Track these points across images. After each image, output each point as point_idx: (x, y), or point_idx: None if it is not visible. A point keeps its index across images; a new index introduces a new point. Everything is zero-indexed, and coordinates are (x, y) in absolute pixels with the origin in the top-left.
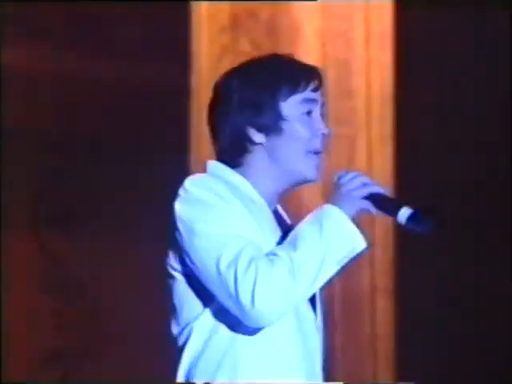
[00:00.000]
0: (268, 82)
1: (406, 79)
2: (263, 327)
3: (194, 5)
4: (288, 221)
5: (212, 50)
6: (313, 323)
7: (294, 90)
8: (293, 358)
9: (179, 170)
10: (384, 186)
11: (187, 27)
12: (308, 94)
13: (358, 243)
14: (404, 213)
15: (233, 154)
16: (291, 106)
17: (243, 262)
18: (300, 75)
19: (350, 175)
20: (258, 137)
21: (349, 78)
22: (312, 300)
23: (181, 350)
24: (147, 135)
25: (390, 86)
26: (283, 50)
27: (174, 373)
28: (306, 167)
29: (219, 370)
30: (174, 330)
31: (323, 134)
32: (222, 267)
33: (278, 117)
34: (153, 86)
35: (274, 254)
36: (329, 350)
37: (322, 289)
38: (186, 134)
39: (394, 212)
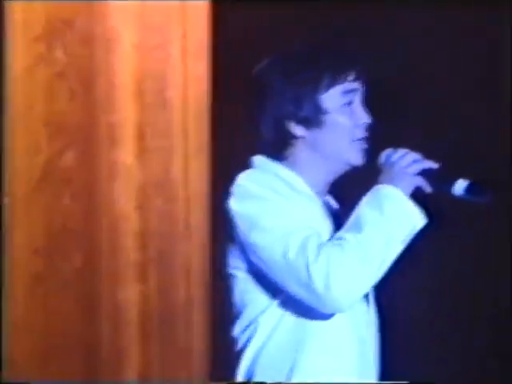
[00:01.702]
0: (307, 74)
1: (223, 93)
2: (336, 313)
3: (8, 13)
4: (339, 210)
5: (27, 59)
6: (365, 315)
7: (333, 81)
8: (348, 347)
9: None
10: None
11: (1, 35)
12: (348, 84)
13: (419, 220)
14: (461, 184)
15: (275, 147)
16: (331, 98)
17: (312, 248)
18: (339, 65)
19: (400, 153)
20: (298, 130)
21: (165, 91)
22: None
23: (243, 346)
24: None
25: (205, 98)
26: (99, 59)
27: None
28: (351, 153)
29: (279, 361)
30: (236, 328)
31: (365, 123)
32: (291, 256)
33: (318, 110)
34: None
35: (340, 238)
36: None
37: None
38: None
39: (449, 185)
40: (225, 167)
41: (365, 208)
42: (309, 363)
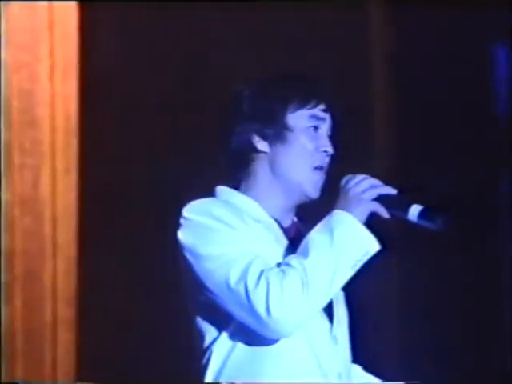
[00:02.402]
0: (279, 93)
1: (90, 112)
2: (281, 338)
3: None
4: (304, 235)
5: None
6: (326, 333)
7: (303, 104)
8: (304, 369)
9: None
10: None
11: None
12: (317, 111)
13: (372, 246)
14: (415, 210)
15: (237, 163)
16: (298, 119)
17: (253, 274)
18: (312, 92)
19: (357, 178)
20: (261, 144)
21: (33, 109)
22: (328, 309)
23: (203, 370)
24: None
25: (74, 117)
26: None
27: None
28: (308, 183)
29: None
30: (198, 353)
31: (326, 151)
32: (232, 283)
33: (284, 127)
34: None
35: (286, 264)
36: None
37: (347, 296)
38: None
39: (404, 211)
40: (92, 186)
41: (315, 233)
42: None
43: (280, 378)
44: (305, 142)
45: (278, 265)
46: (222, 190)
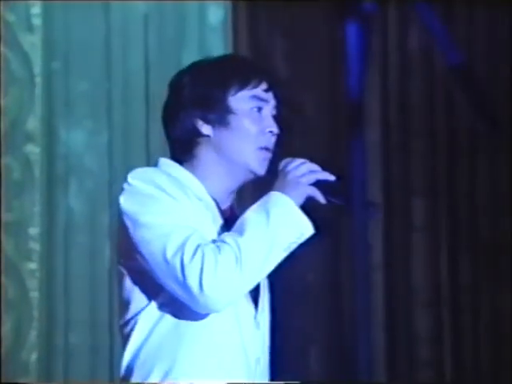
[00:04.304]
0: (219, 76)
1: None
2: (211, 313)
3: None
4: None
5: None
6: (251, 318)
7: (244, 85)
8: (229, 350)
9: None
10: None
11: None
12: (259, 92)
13: (306, 229)
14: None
15: (182, 148)
16: (240, 101)
17: (189, 248)
18: (252, 73)
19: (297, 162)
20: (205, 128)
21: None
22: (255, 295)
23: (124, 341)
24: None
25: None
26: None
27: None
28: (254, 161)
29: (158, 360)
30: (121, 322)
31: (271, 131)
32: (169, 255)
33: (226, 110)
34: None
35: (222, 241)
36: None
37: (271, 285)
38: None
39: (340, 198)
40: None
41: (251, 213)
42: (187, 363)
43: (205, 351)
44: (248, 125)
45: (213, 242)
46: (165, 162)
